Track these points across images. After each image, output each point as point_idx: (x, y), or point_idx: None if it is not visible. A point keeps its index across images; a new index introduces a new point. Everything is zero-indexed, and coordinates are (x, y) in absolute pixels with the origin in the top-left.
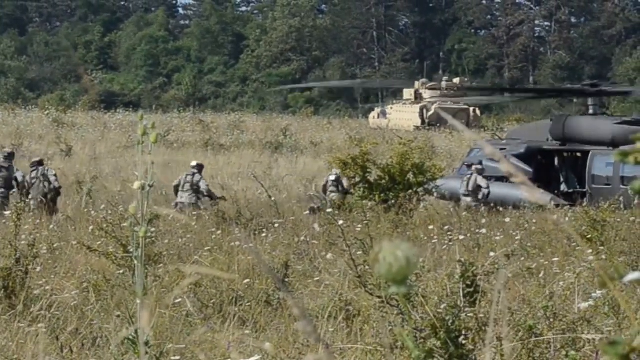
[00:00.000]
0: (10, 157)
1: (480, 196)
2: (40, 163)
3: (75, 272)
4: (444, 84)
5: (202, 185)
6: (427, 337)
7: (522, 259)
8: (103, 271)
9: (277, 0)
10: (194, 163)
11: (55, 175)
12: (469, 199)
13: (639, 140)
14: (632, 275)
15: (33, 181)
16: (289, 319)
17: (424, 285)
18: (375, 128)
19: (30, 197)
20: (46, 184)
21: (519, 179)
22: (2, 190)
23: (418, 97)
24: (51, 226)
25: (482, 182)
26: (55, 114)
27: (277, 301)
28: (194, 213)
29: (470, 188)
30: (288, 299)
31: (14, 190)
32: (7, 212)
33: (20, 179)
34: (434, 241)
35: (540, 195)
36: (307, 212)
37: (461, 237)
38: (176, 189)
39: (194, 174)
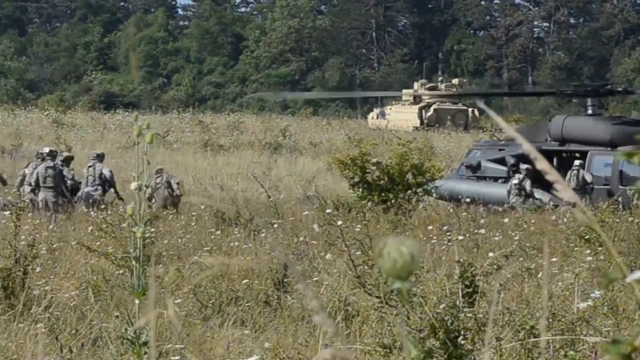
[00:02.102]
0: (99, 157)
1: (587, 191)
2: (163, 170)
3: (74, 272)
4: (442, 85)
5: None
6: (426, 338)
7: (521, 259)
8: (102, 271)
9: (276, 1)
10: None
11: (177, 182)
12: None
13: None
14: (633, 275)
15: (157, 187)
16: (288, 319)
17: (423, 285)
18: (374, 129)
19: (153, 202)
20: (169, 190)
21: (552, 177)
22: (95, 187)
23: (417, 97)
24: (50, 226)
25: (587, 176)
26: (54, 114)
27: (276, 301)
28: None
29: (580, 184)
30: (307, 293)
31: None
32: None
33: (108, 176)
34: (433, 241)
35: (571, 195)
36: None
37: (460, 238)
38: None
39: None
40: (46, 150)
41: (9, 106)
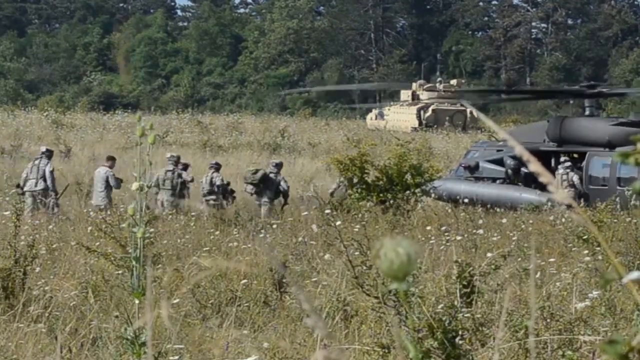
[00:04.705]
0: (278, 166)
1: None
2: None
3: (74, 272)
4: (440, 86)
5: (576, 180)
6: (425, 338)
7: (519, 259)
8: (102, 271)
9: (275, 2)
10: (564, 159)
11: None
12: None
13: (639, 141)
14: (630, 276)
15: (339, 186)
16: (287, 319)
17: (422, 285)
18: (372, 129)
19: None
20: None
21: (545, 179)
22: (269, 198)
23: (415, 98)
24: (50, 226)
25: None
26: (54, 115)
27: (275, 301)
28: None
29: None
30: (299, 294)
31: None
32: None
33: (285, 187)
34: (431, 242)
35: (565, 195)
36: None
37: (458, 238)
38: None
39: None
40: (168, 155)
41: (8, 107)
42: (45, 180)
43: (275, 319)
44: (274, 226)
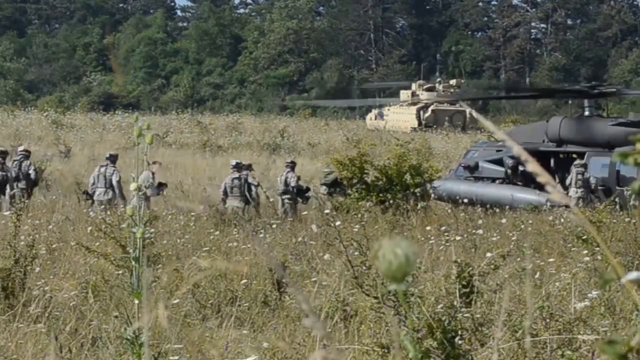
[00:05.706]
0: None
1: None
2: None
3: (74, 272)
4: (439, 86)
5: (592, 180)
6: (424, 338)
7: (518, 259)
8: (102, 272)
9: (274, 2)
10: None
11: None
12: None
13: (638, 141)
14: (628, 276)
15: None
16: (287, 319)
17: (421, 285)
18: (372, 129)
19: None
20: None
21: (543, 179)
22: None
23: (415, 98)
24: (50, 226)
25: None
26: (54, 115)
27: (275, 301)
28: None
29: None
30: (297, 295)
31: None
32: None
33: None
34: (431, 242)
35: (562, 196)
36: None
37: (458, 238)
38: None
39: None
40: (233, 163)
41: (8, 107)
42: (113, 190)
43: (274, 319)
44: (274, 226)
